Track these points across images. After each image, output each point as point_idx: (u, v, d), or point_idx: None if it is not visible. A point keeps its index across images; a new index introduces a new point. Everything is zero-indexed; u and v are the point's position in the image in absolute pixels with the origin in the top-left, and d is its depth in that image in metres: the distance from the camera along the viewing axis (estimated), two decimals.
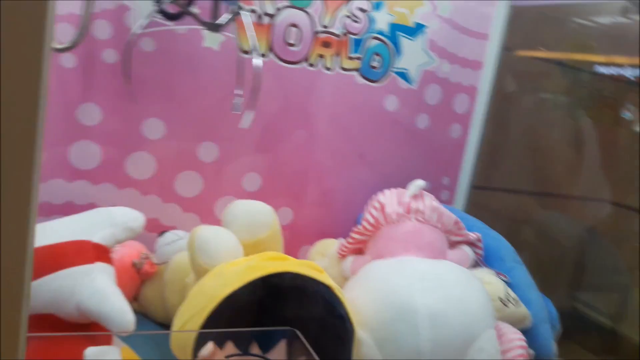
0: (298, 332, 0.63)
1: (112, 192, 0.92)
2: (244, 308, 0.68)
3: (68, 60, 0.84)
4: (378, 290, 0.80)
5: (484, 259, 0.99)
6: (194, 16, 0.82)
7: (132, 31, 0.82)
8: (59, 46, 0.76)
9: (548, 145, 1.40)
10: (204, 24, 0.83)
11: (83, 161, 0.89)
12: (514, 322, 0.90)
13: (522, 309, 0.91)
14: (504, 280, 0.94)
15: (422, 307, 0.76)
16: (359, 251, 0.96)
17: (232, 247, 0.73)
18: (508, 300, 0.90)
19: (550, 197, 1.42)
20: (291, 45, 1.00)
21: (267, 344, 0.65)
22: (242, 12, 0.83)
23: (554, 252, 1.40)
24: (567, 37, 1.35)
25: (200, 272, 0.71)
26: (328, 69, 1.04)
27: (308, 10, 1.00)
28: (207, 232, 0.72)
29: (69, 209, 0.88)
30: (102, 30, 0.86)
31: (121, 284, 0.78)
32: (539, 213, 1.43)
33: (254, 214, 0.78)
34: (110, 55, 0.87)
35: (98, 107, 0.88)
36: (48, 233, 0.65)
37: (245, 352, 0.64)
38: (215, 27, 0.82)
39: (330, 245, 0.99)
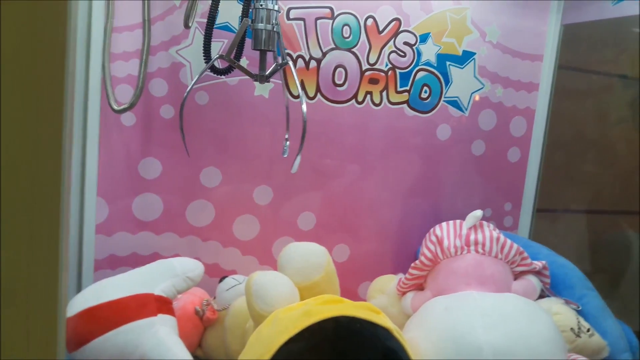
0: None
1: (174, 241, 0.96)
2: (301, 354, 0.68)
3: (128, 119, 0.90)
4: (439, 329, 0.78)
5: (552, 288, 0.95)
6: (243, 69, 0.85)
7: (187, 89, 0.86)
8: (117, 107, 0.81)
9: (614, 161, 1.33)
10: (251, 75, 0.86)
11: (146, 213, 0.93)
12: (590, 354, 0.85)
13: (598, 339, 0.86)
14: (575, 309, 0.89)
15: (486, 344, 0.73)
16: (419, 287, 0.94)
17: (288, 292, 0.74)
18: (580, 330, 0.86)
19: (621, 215, 1.34)
20: (339, 85, 1.02)
21: None
22: (288, 62, 0.85)
23: (631, 275, 1.31)
24: (627, 48, 1.29)
25: (257, 318, 0.72)
26: (376, 104, 1.05)
27: (354, 50, 1.01)
28: (263, 278, 0.73)
29: (133, 260, 0.93)
30: (158, 87, 0.91)
31: (185, 331, 0.81)
32: (610, 233, 1.35)
33: (308, 257, 0.78)
34: (167, 111, 0.92)
35: (158, 161, 0.93)
36: (111, 289, 0.68)
37: None
38: (262, 79, 0.85)
39: (389, 282, 0.98)
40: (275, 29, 0.82)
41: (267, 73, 0.85)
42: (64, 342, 0.36)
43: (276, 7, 0.82)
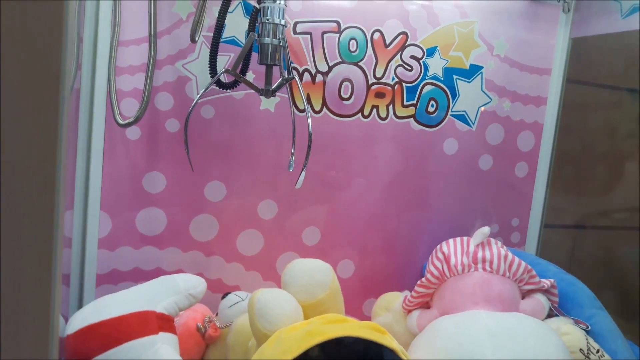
0: None
1: (178, 256, 0.95)
2: None
3: (133, 133, 0.90)
4: (446, 350, 0.77)
5: (561, 307, 0.93)
6: (248, 84, 0.85)
7: (193, 103, 0.86)
8: (122, 122, 0.81)
9: (623, 176, 1.31)
10: (257, 90, 0.85)
11: (149, 227, 0.93)
12: None
13: None
14: (584, 329, 0.88)
15: None
16: (426, 305, 0.93)
17: (292, 311, 0.72)
18: (590, 351, 0.84)
19: (631, 231, 1.32)
20: (345, 99, 1.01)
21: None
22: (294, 77, 0.84)
23: None
24: (636, 62, 1.28)
25: (260, 337, 0.71)
26: (382, 118, 1.04)
27: (360, 64, 1.01)
28: (266, 296, 0.72)
29: (136, 275, 0.92)
30: (164, 101, 0.91)
31: (187, 349, 0.80)
32: (620, 249, 1.33)
33: (312, 274, 0.77)
34: (173, 125, 0.91)
35: (162, 175, 0.92)
36: (113, 305, 0.68)
37: None
38: (267, 93, 0.84)
39: (394, 299, 0.97)
40: (281, 44, 0.82)
41: (273, 87, 0.85)
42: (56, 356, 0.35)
43: (283, 22, 0.82)
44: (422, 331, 0.85)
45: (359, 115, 1.02)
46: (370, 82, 1.02)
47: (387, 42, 1.02)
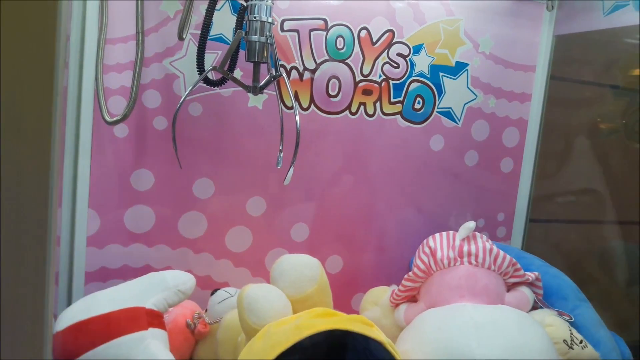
0: None
1: (166, 253, 0.95)
2: None
3: (121, 131, 0.90)
4: (432, 342, 0.78)
5: (546, 299, 0.95)
6: (236, 81, 0.85)
7: (180, 100, 0.86)
8: (109, 119, 0.81)
9: (606, 172, 1.33)
10: (245, 87, 0.86)
11: (138, 225, 0.93)
12: None
13: (590, 351, 0.86)
14: (567, 321, 0.89)
15: (479, 357, 0.73)
16: (413, 298, 0.94)
17: (281, 306, 0.73)
18: (573, 342, 0.86)
19: (614, 225, 1.35)
20: (333, 96, 1.02)
21: None
22: (281, 74, 0.85)
23: (623, 285, 1.32)
24: (618, 59, 1.30)
25: (249, 332, 0.71)
26: (369, 115, 1.05)
27: (348, 61, 1.02)
28: (254, 292, 0.73)
29: (125, 272, 0.92)
30: (152, 99, 0.91)
31: (176, 344, 0.80)
32: (603, 243, 1.36)
33: (301, 269, 0.78)
34: (160, 122, 0.92)
35: (150, 172, 0.92)
36: (102, 302, 0.68)
37: None
38: (255, 90, 0.85)
39: (382, 294, 0.98)
40: (269, 41, 0.82)
41: (260, 85, 0.85)
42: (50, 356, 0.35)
43: (270, 19, 0.82)
44: (409, 324, 0.86)
45: (347, 112, 1.03)
46: (357, 80, 1.03)
47: (374, 40, 1.03)
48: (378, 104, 1.05)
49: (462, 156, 1.15)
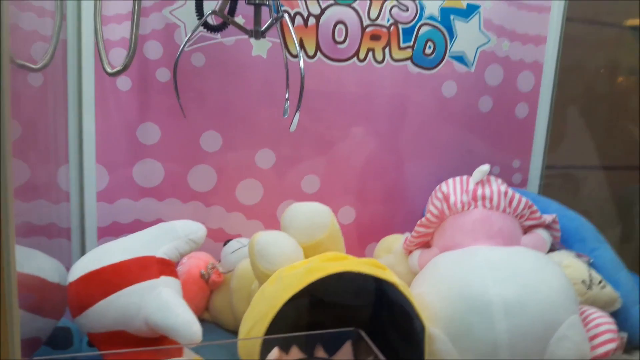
0: (362, 333, 0.62)
1: (178, 207, 0.95)
2: (306, 311, 0.67)
3: (124, 84, 0.88)
4: (448, 284, 0.77)
5: (563, 242, 0.93)
6: (236, 25, 0.83)
7: (180, 48, 0.84)
8: (110, 70, 0.79)
9: (625, 115, 1.29)
10: (246, 31, 0.83)
11: (147, 179, 0.92)
12: (602, 306, 0.84)
13: (610, 291, 0.85)
14: (586, 262, 0.88)
15: (496, 297, 0.72)
16: (426, 244, 0.93)
17: (291, 251, 0.73)
18: (592, 282, 0.84)
19: (633, 170, 1.31)
20: (339, 43, 0.99)
21: (332, 346, 0.64)
22: (283, 15, 0.82)
23: None
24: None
25: (261, 277, 0.71)
26: (378, 61, 1.02)
27: (354, 5, 0.98)
28: (265, 238, 0.72)
29: (137, 226, 0.91)
30: (153, 50, 0.89)
31: (191, 295, 0.81)
32: (622, 188, 1.32)
33: (312, 216, 0.77)
34: (163, 74, 0.90)
35: (156, 126, 0.91)
36: (113, 252, 0.68)
37: (310, 355, 0.63)
38: (257, 34, 0.82)
39: (396, 241, 0.97)
40: None
41: (262, 28, 0.83)
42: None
43: None
44: (423, 269, 0.85)
45: (355, 59, 1.00)
46: (365, 24, 0.99)
47: None
48: (387, 50, 1.02)
49: (475, 102, 1.11)
